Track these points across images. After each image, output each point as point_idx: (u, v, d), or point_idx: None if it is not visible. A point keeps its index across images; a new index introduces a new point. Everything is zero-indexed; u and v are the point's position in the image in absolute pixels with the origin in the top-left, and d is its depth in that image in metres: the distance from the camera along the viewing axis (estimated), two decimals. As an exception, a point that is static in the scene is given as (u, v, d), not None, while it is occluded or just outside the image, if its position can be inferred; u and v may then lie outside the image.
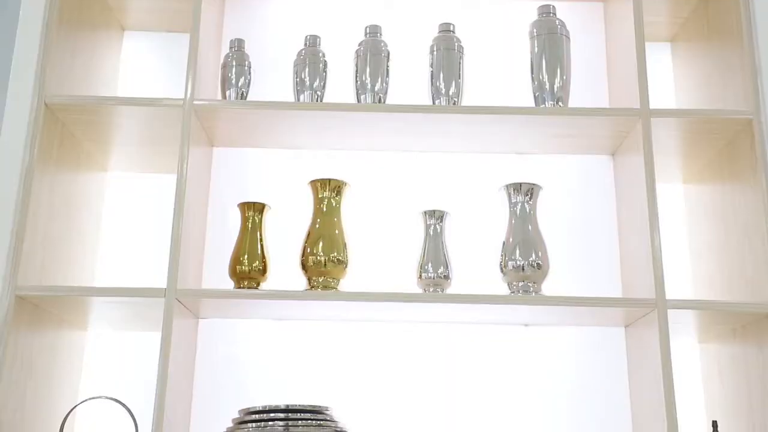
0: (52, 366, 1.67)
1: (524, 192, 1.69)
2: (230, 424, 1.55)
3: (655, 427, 1.55)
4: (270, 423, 1.50)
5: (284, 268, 1.77)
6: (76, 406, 1.63)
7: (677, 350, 1.79)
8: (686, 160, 1.83)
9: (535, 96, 1.75)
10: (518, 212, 1.69)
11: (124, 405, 1.60)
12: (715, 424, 1.56)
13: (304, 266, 1.67)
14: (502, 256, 1.67)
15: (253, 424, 1.50)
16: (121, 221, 1.91)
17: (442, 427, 1.77)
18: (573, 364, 1.81)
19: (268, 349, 1.82)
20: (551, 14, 1.76)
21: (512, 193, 1.70)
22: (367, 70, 1.76)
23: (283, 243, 1.80)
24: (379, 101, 1.75)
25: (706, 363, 1.80)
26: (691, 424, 1.70)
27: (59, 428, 1.57)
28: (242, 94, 1.80)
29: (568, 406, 1.78)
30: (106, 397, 1.61)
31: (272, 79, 1.92)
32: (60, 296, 1.55)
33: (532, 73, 1.76)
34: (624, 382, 1.77)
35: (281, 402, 1.57)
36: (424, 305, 1.62)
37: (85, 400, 1.63)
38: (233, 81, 1.79)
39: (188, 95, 1.65)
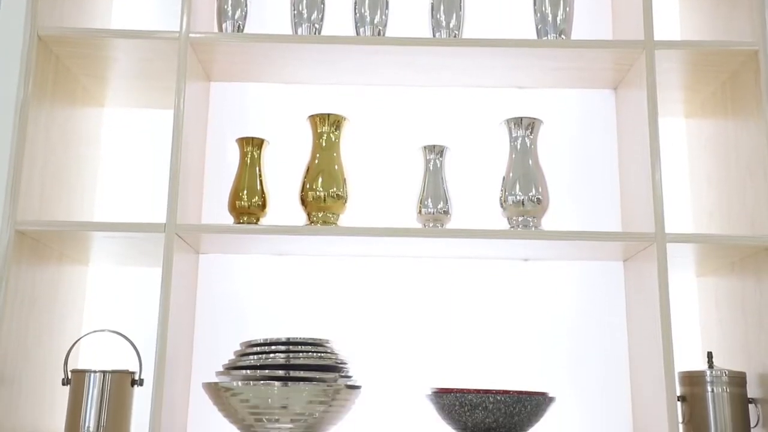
0: (54, 300, 1.68)
1: (525, 126, 1.68)
2: (232, 357, 1.57)
3: (652, 360, 1.57)
4: (271, 355, 1.52)
5: (284, 203, 1.77)
6: (79, 339, 1.65)
7: (675, 284, 1.80)
8: (689, 93, 1.81)
9: (537, 28, 1.72)
10: (519, 147, 1.68)
11: (126, 338, 1.63)
12: (710, 355, 1.59)
13: (304, 202, 1.67)
14: (501, 191, 1.67)
15: (255, 357, 1.53)
16: (120, 157, 1.90)
17: (441, 360, 1.79)
18: (572, 299, 1.83)
19: (268, 284, 1.84)
20: (555, -57, 1.71)
21: (513, 127, 1.68)
22: (366, 2, 1.72)
23: (283, 178, 1.80)
24: (379, 34, 1.72)
25: (703, 296, 1.81)
26: (686, 355, 1.72)
27: (63, 360, 1.59)
28: (239, 26, 1.77)
29: (567, 340, 1.80)
30: (110, 330, 1.63)
31: (270, 11, 1.88)
32: (60, 231, 1.56)
33: (534, 5, 1.72)
34: (622, 316, 1.79)
35: (282, 335, 1.59)
36: (423, 240, 1.63)
37: (89, 333, 1.65)
38: (229, 13, 1.76)
39: (183, 28, 1.62)
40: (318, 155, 1.69)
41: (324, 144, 1.69)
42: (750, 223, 1.61)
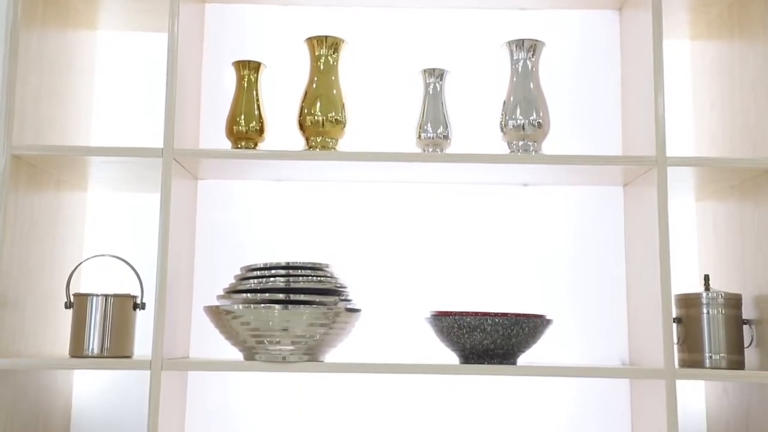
0: (54, 226, 1.68)
1: (526, 49, 1.64)
2: (232, 281, 1.58)
3: (649, 282, 1.59)
4: (271, 279, 1.53)
5: (282, 129, 1.75)
6: (80, 263, 1.66)
7: (674, 209, 1.80)
8: (694, 15, 1.77)
9: (540, -54, 1.67)
10: (520, 70, 1.65)
11: (127, 262, 1.64)
12: (706, 277, 1.60)
13: (302, 126, 1.65)
14: (502, 115, 1.65)
15: (255, 281, 1.54)
16: (115, 82, 1.88)
17: (440, 284, 1.81)
18: (571, 224, 1.83)
19: (267, 210, 1.84)
20: None
21: (514, 50, 1.65)
22: None
23: (281, 103, 1.77)
24: (377, -48, 1.67)
25: (702, 221, 1.82)
26: (683, 279, 1.74)
27: (65, 284, 1.61)
28: (233, -55, 1.71)
29: (565, 264, 1.81)
30: (110, 255, 1.63)
31: (264, -71, 1.82)
32: (57, 156, 1.55)
33: None
34: (620, 240, 1.79)
35: (282, 260, 1.60)
36: (422, 165, 1.62)
37: (90, 258, 1.66)
38: (223, -69, 1.70)
39: (176, -55, 1.57)
40: (316, 79, 1.66)
41: (322, 67, 1.66)
42: (751, 146, 1.60)
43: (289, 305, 1.49)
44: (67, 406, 1.77)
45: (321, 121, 1.63)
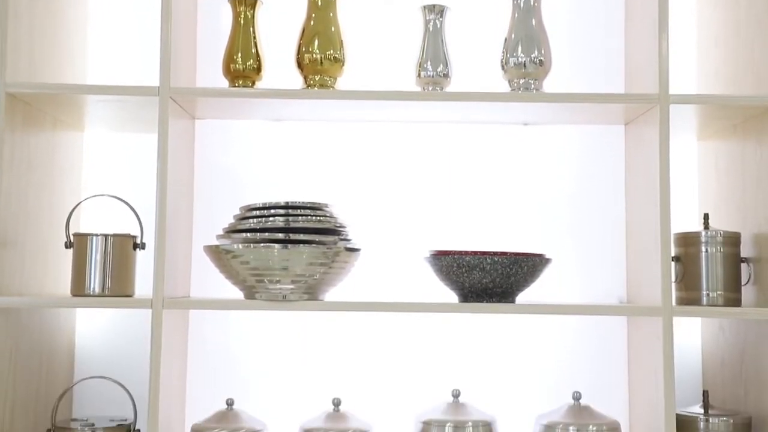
0: (52, 166, 1.68)
1: (528, -16, 1.61)
2: (231, 221, 1.58)
3: (649, 221, 1.59)
4: (270, 219, 1.53)
5: (279, 67, 1.72)
6: (79, 203, 1.66)
7: (675, 148, 1.78)
8: (701, -52, 1.73)
9: None
10: (521, 6, 1.62)
11: (126, 202, 1.64)
12: (706, 216, 1.60)
13: (300, 65, 1.63)
14: (503, 52, 1.62)
15: (254, 220, 1.54)
16: (110, 19, 1.84)
17: (440, 224, 1.81)
18: (571, 163, 1.82)
19: (265, 150, 1.83)
20: None
21: (516, -15, 1.62)
22: None
23: (278, 41, 1.74)
24: None
25: (703, 160, 1.81)
26: (683, 218, 1.74)
27: (65, 225, 1.61)
28: None
29: (565, 203, 1.81)
30: (109, 195, 1.63)
31: None
32: (52, 94, 1.53)
33: None
34: (621, 180, 1.79)
35: (281, 199, 1.60)
36: (422, 104, 1.60)
37: (88, 198, 1.66)
38: None
39: None
40: (314, 16, 1.63)
41: (320, 3, 1.63)
42: (756, 83, 1.58)
43: (289, 245, 1.49)
44: (70, 345, 1.79)
45: (319, 59, 1.61)
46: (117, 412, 1.70)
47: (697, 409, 1.58)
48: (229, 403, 1.60)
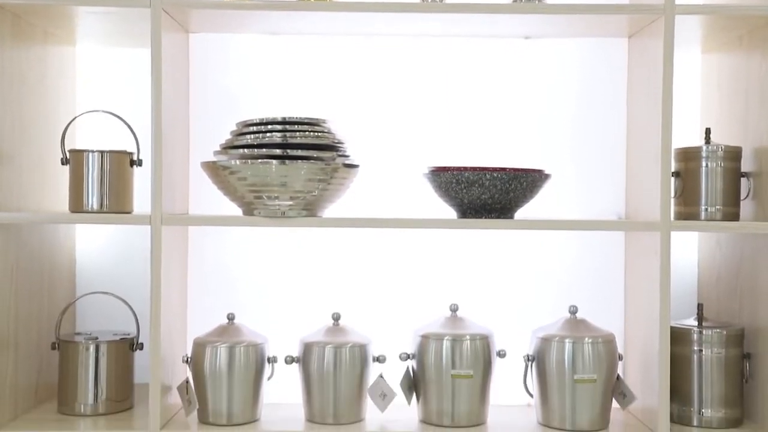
0: (45, 81, 1.65)
1: None
2: (229, 137, 1.57)
3: (650, 136, 1.57)
4: (268, 135, 1.51)
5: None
6: (74, 119, 1.64)
7: (678, 62, 1.74)
8: None
9: None
10: None
11: (121, 118, 1.62)
12: (707, 131, 1.59)
13: (296, -25, 1.58)
14: (505, -39, 1.57)
15: (251, 136, 1.52)
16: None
17: (439, 140, 1.80)
18: (573, 77, 1.79)
19: (262, 65, 1.79)
20: None
21: None
22: None
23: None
24: None
25: (706, 73, 1.78)
26: (684, 133, 1.72)
27: (60, 141, 1.59)
28: None
29: (567, 119, 1.79)
30: (104, 111, 1.61)
31: None
32: (40, 5, 1.49)
33: None
34: (623, 94, 1.76)
35: (278, 115, 1.58)
36: (422, 16, 1.56)
37: (83, 113, 1.64)
38: None
39: None
40: None
41: None
42: (764, -7, 1.54)
43: (287, 161, 1.48)
44: (71, 262, 1.80)
45: (316, -30, 1.56)
46: (119, 327, 1.73)
47: (691, 322, 1.61)
48: (230, 317, 1.62)
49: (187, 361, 1.59)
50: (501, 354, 1.59)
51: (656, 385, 1.50)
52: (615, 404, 1.58)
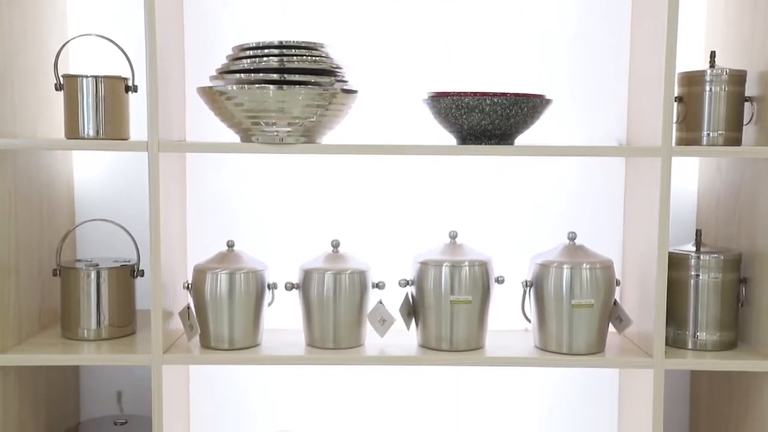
0: (35, 4, 1.61)
1: None
2: (225, 62, 1.54)
3: (653, 61, 1.54)
4: (264, 59, 1.49)
5: None
6: (66, 43, 1.61)
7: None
8: None
9: None
10: None
11: (113, 42, 1.59)
12: (712, 54, 1.56)
13: None
14: None
15: (248, 61, 1.49)
16: None
17: (438, 64, 1.76)
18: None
19: (258, -13, 1.75)
20: None
21: None
22: None
23: None
24: None
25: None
26: (688, 56, 1.69)
27: (53, 66, 1.56)
28: None
29: (568, 42, 1.77)
30: (97, 35, 1.58)
31: None
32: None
33: None
34: (626, 16, 1.72)
35: (275, 38, 1.55)
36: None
37: (75, 37, 1.61)
38: None
39: None
40: None
41: None
42: None
43: (284, 86, 1.46)
44: (69, 189, 1.79)
45: None
46: (119, 254, 1.74)
47: (689, 248, 1.61)
48: (230, 244, 1.63)
49: (187, 288, 1.60)
50: (499, 280, 1.60)
51: (653, 310, 1.51)
52: (611, 329, 1.60)
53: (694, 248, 1.60)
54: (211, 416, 1.82)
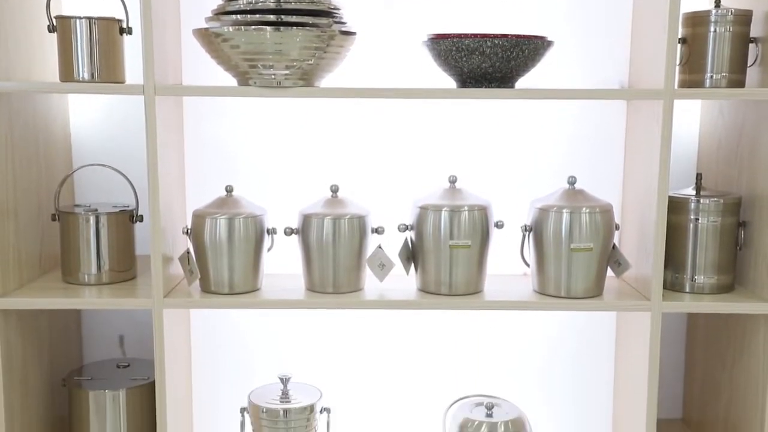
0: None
1: None
2: (220, 2, 1.51)
3: (656, 7, 1.51)
4: (261, 0, 1.46)
5: None
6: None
7: None
8: None
9: None
10: None
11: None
12: (718, -6, 1.54)
13: None
14: None
15: (244, 1, 1.46)
16: None
17: (438, 5, 1.73)
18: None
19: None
20: None
21: None
22: None
23: None
24: None
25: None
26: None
27: (45, 7, 1.53)
28: None
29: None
30: (88, -24, 1.54)
31: None
32: None
33: None
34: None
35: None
36: None
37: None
38: None
39: None
40: None
41: None
42: None
43: (281, 27, 1.44)
44: (65, 134, 1.78)
45: None
46: (118, 200, 1.73)
47: (689, 191, 1.61)
48: (229, 189, 1.62)
49: (187, 233, 1.60)
50: (499, 225, 1.60)
51: (651, 254, 1.52)
52: (610, 273, 1.61)
53: (694, 192, 1.60)
54: (212, 361, 1.84)
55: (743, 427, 1.63)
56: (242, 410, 1.70)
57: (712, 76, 1.52)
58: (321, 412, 1.69)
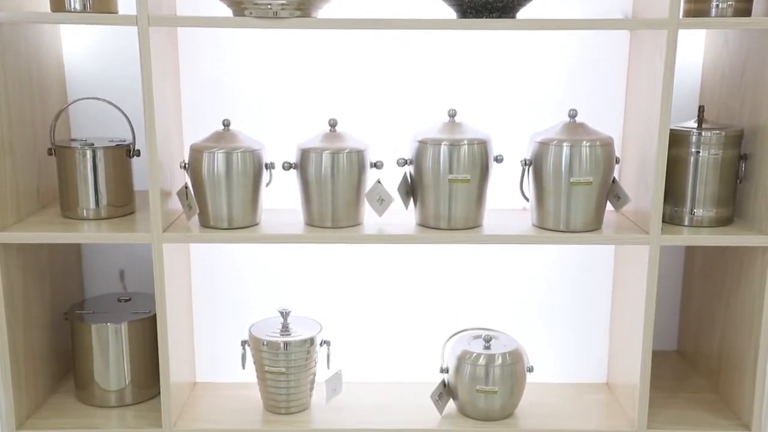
0: None
1: None
2: (214, -71, 1.47)
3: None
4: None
5: None
6: None
7: None
8: None
9: None
10: None
11: None
12: None
13: None
14: None
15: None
16: None
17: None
18: None
19: None
20: None
21: None
22: None
23: None
24: None
25: None
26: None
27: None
28: None
29: None
30: None
31: None
32: None
33: None
34: None
35: None
36: None
37: None
38: None
39: None
40: None
41: None
42: None
43: (277, -46, 1.40)
44: (59, 66, 1.75)
45: None
46: (114, 134, 1.72)
47: (691, 124, 1.59)
48: (226, 123, 1.60)
49: (185, 168, 1.59)
50: (498, 159, 1.59)
51: (651, 187, 1.51)
52: (609, 207, 1.61)
53: (695, 125, 1.58)
54: (212, 296, 1.86)
55: (737, 358, 1.65)
56: (243, 343, 1.72)
57: (717, 5, 1.49)
58: (321, 344, 1.71)
